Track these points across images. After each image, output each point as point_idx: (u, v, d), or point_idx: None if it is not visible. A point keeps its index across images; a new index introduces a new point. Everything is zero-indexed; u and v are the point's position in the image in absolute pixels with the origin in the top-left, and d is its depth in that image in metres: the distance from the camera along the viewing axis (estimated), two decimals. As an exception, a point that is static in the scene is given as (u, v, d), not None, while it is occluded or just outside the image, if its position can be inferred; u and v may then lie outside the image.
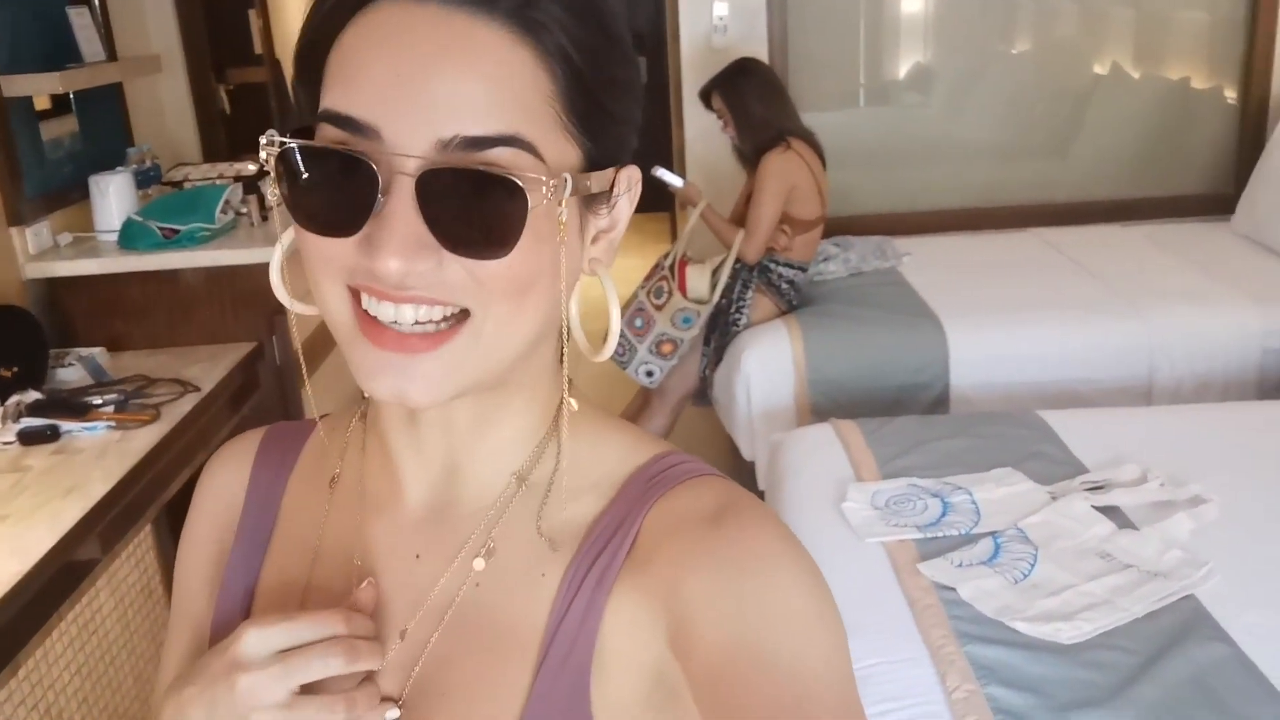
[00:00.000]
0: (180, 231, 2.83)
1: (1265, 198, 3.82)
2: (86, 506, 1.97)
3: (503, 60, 0.57)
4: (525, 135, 0.57)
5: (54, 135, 2.94)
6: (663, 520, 0.64)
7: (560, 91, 0.59)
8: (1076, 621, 1.81)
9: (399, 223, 0.56)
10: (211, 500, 0.79)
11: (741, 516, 0.63)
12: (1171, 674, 1.70)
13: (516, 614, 0.65)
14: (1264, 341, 3.17)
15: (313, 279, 0.61)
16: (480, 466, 0.68)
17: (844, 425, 2.55)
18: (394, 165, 0.56)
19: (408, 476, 0.69)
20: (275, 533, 0.75)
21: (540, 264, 0.59)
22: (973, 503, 2.18)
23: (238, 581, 0.74)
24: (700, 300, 3.37)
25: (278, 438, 0.79)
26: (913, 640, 1.80)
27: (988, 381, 3.18)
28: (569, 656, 0.63)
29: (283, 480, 0.77)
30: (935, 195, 4.39)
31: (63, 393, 2.44)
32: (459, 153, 0.56)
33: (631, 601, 0.63)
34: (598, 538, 0.65)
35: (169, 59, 3.56)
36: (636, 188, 0.66)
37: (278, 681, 0.60)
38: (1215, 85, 4.32)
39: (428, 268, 0.57)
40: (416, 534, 0.69)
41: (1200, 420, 2.59)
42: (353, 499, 0.72)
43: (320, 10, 0.60)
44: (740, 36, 4.06)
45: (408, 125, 0.56)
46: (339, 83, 0.58)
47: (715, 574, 0.60)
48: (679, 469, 0.67)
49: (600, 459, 0.69)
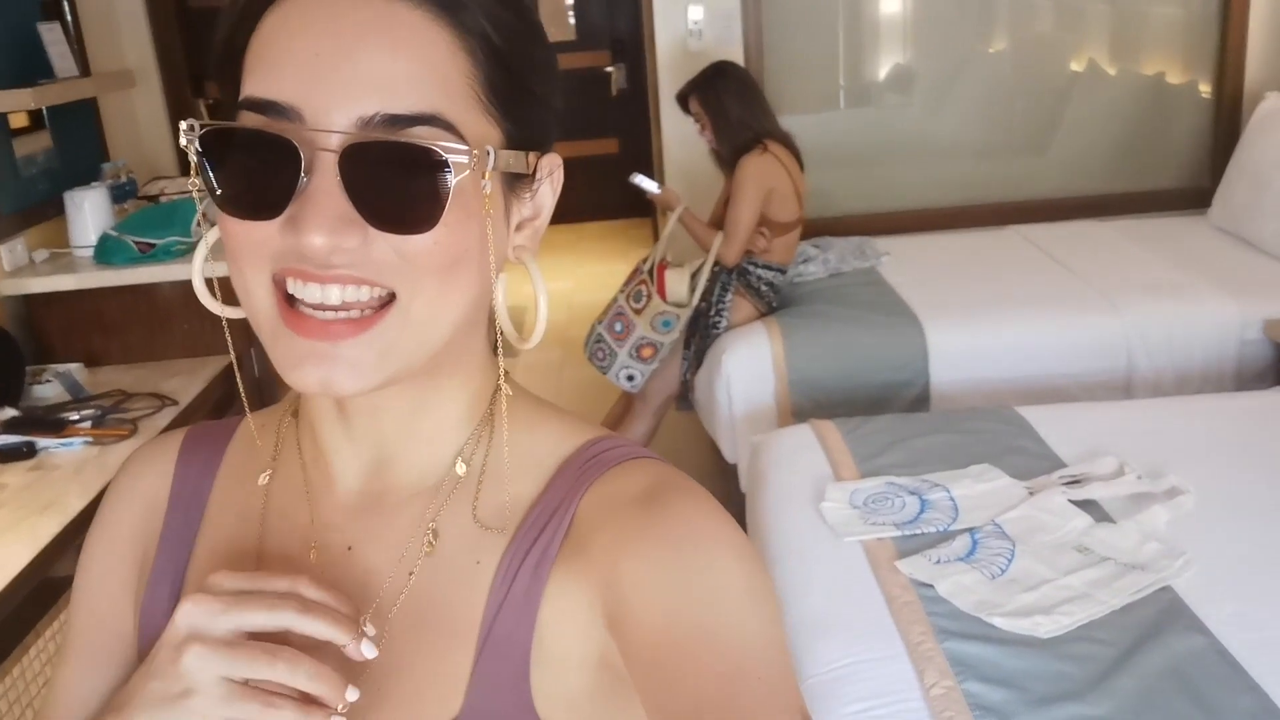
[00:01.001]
0: (157, 245, 2.83)
1: (1240, 191, 3.84)
2: (63, 522, 1.97)
3: (423, 40, 0.58)
4: (446, 114, 0.58)
5: (28, 151, 2.93)
6: (597, 504, 0.65)
7: (480, 72, 0.59)
8: (1055, 615, 1.81)
9: (323, 198, 0.56)
10: (131, 505, 0.77)
11: (673, 496, 0.63)
12: (1149, 665, 1.70)
13: (455, 602, 0.66)
14: (1242, 334, 3.18)
15: (235, 269, 0.61)
16: (413, 455, 0.68)
17: (822, 425, 2.55)
18: (316, 143, 0.56)
19: (339, 467, 0.69)
20: (200, 534, 0.74)
21: (466, 242, 0.60)
22: (951, 500, 2.18)
23: (164, 583, 0.73)
24: (679, 304, 3.37)
25: (199, 438, 0.78)
26: (891, 637, 1.80)
27: (968, 378, 3.19)
28: (508, 644, 0.64)
29: (208, 481, 0.76)
30: (914, 194, 4.41)
31: (39, 409, 2.44)
32: (380, 129, 0.56)
33: (569, 586, 0.63)
34: (533, 523, 0.66)
35: (144, 73, 3.56)
36: (558, 174, 0.67)
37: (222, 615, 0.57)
38: (1190, 80, 4.35)
39: (353, 244, 0.57)
40: (348, 525, 0.69)
41: (1177, 412, 2.60)
42: (285, 493, 0.72)
43: (235, 7, 0.61)
44: (716, 40, 4.07)
45: (329, 104, 0.56)
46: (259, 70, 0.58)
47: (649, 554, 0.61)
48: (612, 453, 0.68)
49: (534, 445, 0.69)
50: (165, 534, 0.75)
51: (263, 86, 0.58)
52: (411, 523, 0.68)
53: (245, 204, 0.59)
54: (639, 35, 5.19)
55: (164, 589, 0.73)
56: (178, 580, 0.73)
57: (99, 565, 0.76)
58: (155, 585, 0.74)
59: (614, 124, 6.62)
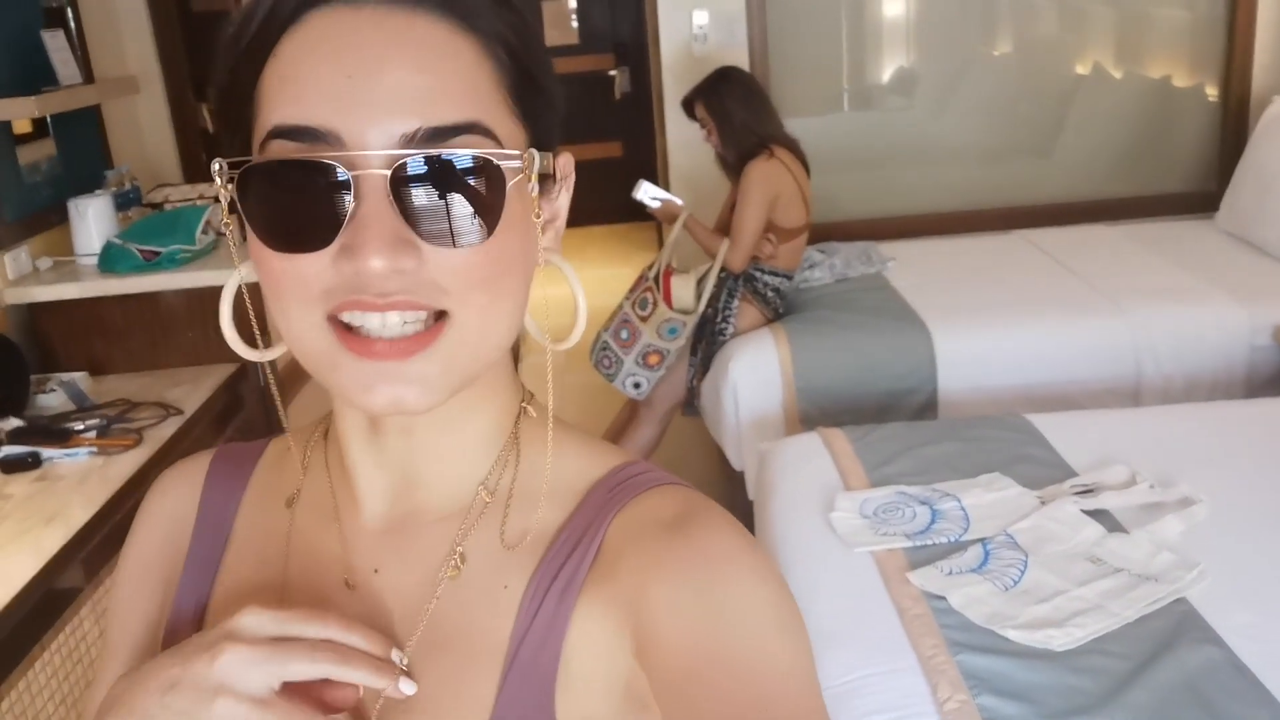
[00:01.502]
0: (161, 253, 2.82)
1: (1248, 195, 3.82)
2: (69, 534, 1.96)
3: (447, 51, 0.57)
4: (484, 121, 0.58)
5: (31, 159, 2.92)
6: (626, 529, 0.64)
7: (505, 76, 0.60)
8: (1068, 628, 1.79)
9: (376, 222, 0.55)
10: (159, 524, 0.77)
11: (703, 523, 0.63)
12: (1163, 678, 1.69)
13: (481, 626, 0.65)
14: (1252, 339, 3.17)
15: (279, 308, 0.59)
16: (440, 477, 0.68)
17: (831, 433, 2.54)
18: (360, 165, 0.55)
19: (366, 488, 0.69)
20: (226, 556, 0.74)
21: (512, 250, 0.60)
22: (961, 509, 2.17)
23: (189, 602, 0.73)
24: (686, 310, 3.36)
25: (228, 459, 0.78)
26: (903, 650, 1.78)
27: (976, 385, 3.17)
28: (534, 668, 0.63)
29: (235, 501, 0.76)
30: (919, 199, 4.39)
31: (44, 419, 2.43)
32: (423, 145, 0.56)
33: (597, 612, 0.63)
34: (560, 547, 0.65)
35: (147, 79, 3.55)
36: (571, 175, 0.67)
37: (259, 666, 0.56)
38: (1196, 83, 4.33)
39: (410, 267, 0.56)
40: (375, 547, 0.69)
41: (1188, 420, 2.58)
42: (313, 515, 0.71)
43: (243, 38, 0.59)
44: (720, 44, 4.06)
45: (367, 125, 0.55)
46: (284, 97, 0.57)
47: (678, 581, 0.60)
48: (640, 478, 0.67)
49: (560, 468, 0.69)
50: (191, 555, 0.75)
51: (293, 112, 0.56)
52: (438, 545, 0.67)
53: (292, 238, 0.57)
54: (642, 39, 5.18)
55: (188, 610, 0.73)
56: (202, 602, 0.73)
57: (130, 585, 0.77)
58: (180, 606, 0.73)
59: (617, 127, 6.62)
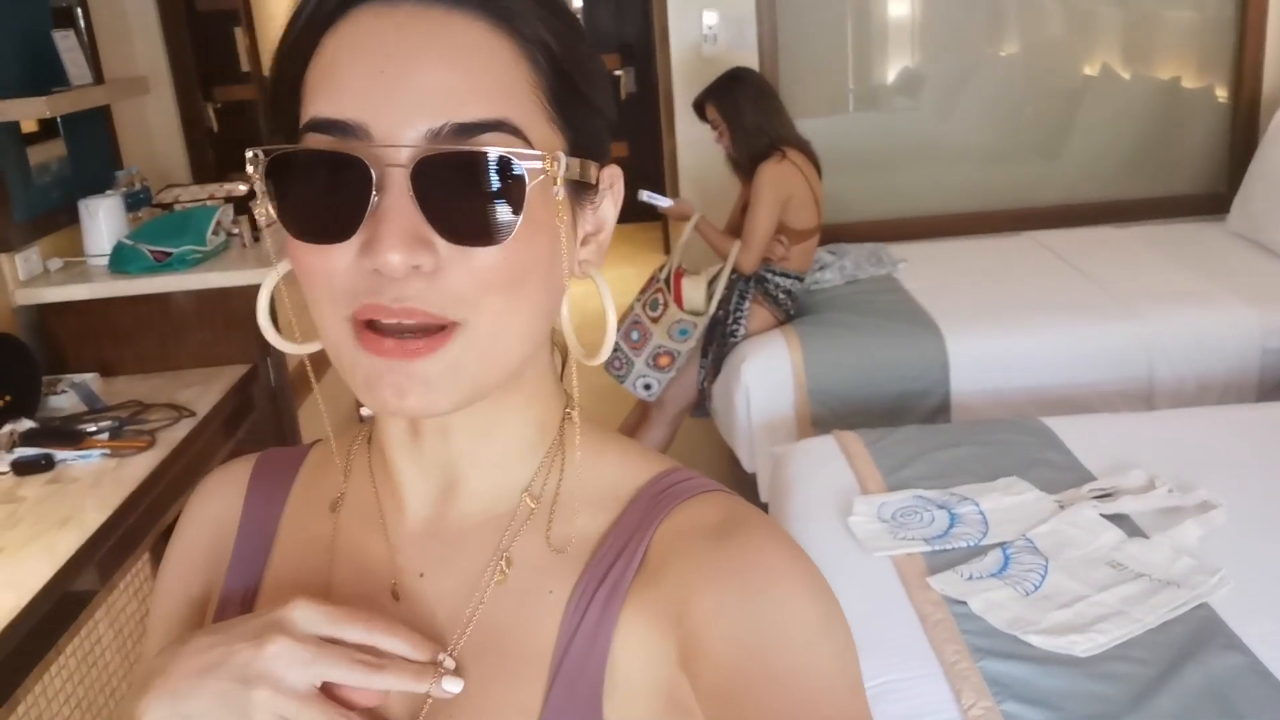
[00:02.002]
0: (172, 254, 2.81)
1: (1260, 197, 3.81)
2: (83, 537, 1.94)
3: (483, 49, 0.57)
4: (513, 120, 0.57)
5: (41, 159, 2.90)
6: (671, 536, 0.64)
7: (542, 78, 0.59)
8: (1090, 633, 1.78)
9: (396, 216, 0.56)
10: (202, 527, 0.77)
11: (749, 531, 0.63)
12: (1187, 685, 1.68)
13: (526, 631, 0.65)
14: (1264, 342, 3.16)
15: (312, 301, 0.61)
16: (482, 480, 0.68)
17: (846, 436, 2.53)
18: (386, 159, 0.56)
19: (409, 492, 0.69)
20: (272, 557, 0.74)
21: (536, 255, 0.59)
22: (980, 513, 2.16)
23: (231, 610, 0.73)
24: (696, 312, 3.35)
25: (271, 463, 0.78)
26: (925, 656, 1.77)
27: (987, 387, 3.16)
28: (580, 675, 0.63)
29: (278, 505, 0.76)
30: (928, 200, 4.38)
31: (56, 421, 2.41)
32: (449, 141, 0.56)
33: (642, 619, 0.62)
34: (605, 554, 0.65)
35: (156, 79, 3.54)
36: (619, 186, 0.67)
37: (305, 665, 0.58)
38: (1206, 84, 4.32)
39: (426, 264, 0.56)
40: (419, 551, 0.69)
41: (1204, 424, 2.57)
42: (356, 519, 0.71)
43: (291, 32, 0.60)
44: (730, 45, 4.05)
45: (396, 119, 0.56)
46: (322, 92, 0.58)
47: (723, 590, 0.60)
48: (685, 485, 0.67)
49: (604, 474, 0.68)
50: (235, 559, 0.75)
51: (328, 106, 0.57)
52: (483, 550, 0.67)
53: (317, 228, 0.58)
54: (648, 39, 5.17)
55: (233, 613, 0.73)
56: (247, 606, 0.73)
57: (172, 590, 0.77)
58: (224, 610, 0.73)
59: (623, 127, 6.61)
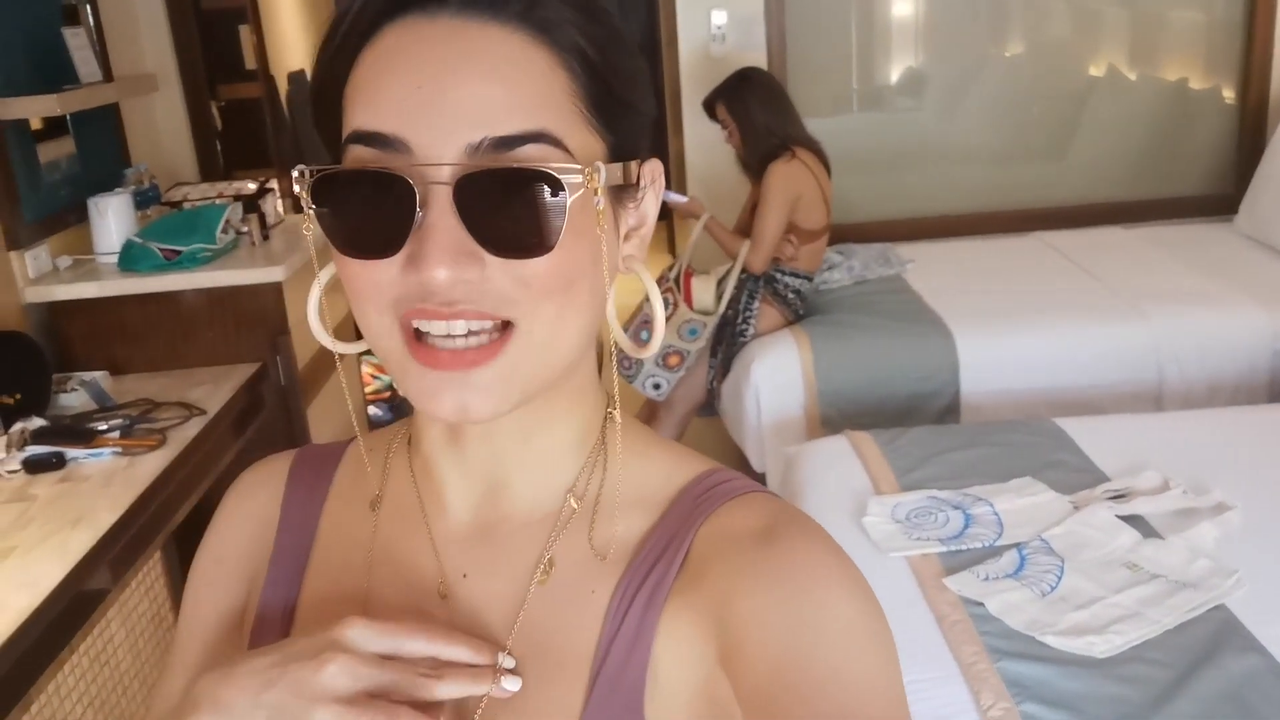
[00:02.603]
0: (181, 252, 2.80)
1: (1267, 198, 3.81)
2: (95, 536, 1.93)
3: (520, 62, 0.58)
4: (552, 130, 0.58)
5: (51, 157, 2.90)
6: (713, 537, 0.64)
7: (580, 86, 0.60)
8: (1108, 635, 1.78)
9: (440, 233, 0.56)
10: (241, 523, 0.77)
11: (792, 533, 0.62)
12: (1206, 687, 1.68)
13: (568, 632, 0.65)
14: (1274, 343, 3.15)
15: (359, 310, 0.61)
16: (526, 482, 0.68)
17: (858, 437, 2.52)
18: (428, 176, 0.56)
19: (451, 494, 0.69)
20: (313, 553, 0.74)
21: (581, 260, 0.59)
22: (994, 514, 2.15)
23: (276, 602, 0.73)
24: (706, 311, 3.34)
25: (309, 460, 0.78)
26: (943, 657, 1.77)
27: (997, 388, 3.16)
28: (622, 676, 0.63)
29: (318, 501, 0.76)
30: (935, 200, 4.38)
31: (66, 419, 2.40)
32: (489, 155, 0.56)
33: (684, 620, 0.62)
34: (647, 554, 0.65)
35: (164, 77, 3.53)
36: (660, 181, 0.67)
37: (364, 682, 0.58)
38: (1213, 85, 4.32)
39: (473, 277, 0.57)
40: (462, 553, 0.69)
41: (1217, 425, 2.57)
42: (397, 520, 0.72)
43: (330, 47, 0.61)
44: (738, 44, 4.04)
45: (435, 134, 0.56)
46: (362, 105, 0.59)
47: (766, 591, 0.60)
48: (727, 485, 0.67)
49: (646, 475, 0.69)
50: (276, 554, 0.75)
51: (369, 119, 0.58)
52: (525, 551, 0.67)
53: (363, 244, 0.59)
54: (654, 38, 5.16)
55: (276, 608, 0.73)
56: (291, 600, 0.73)
57: (207, 584, 0.77)
58: (267, 604, 0.74)
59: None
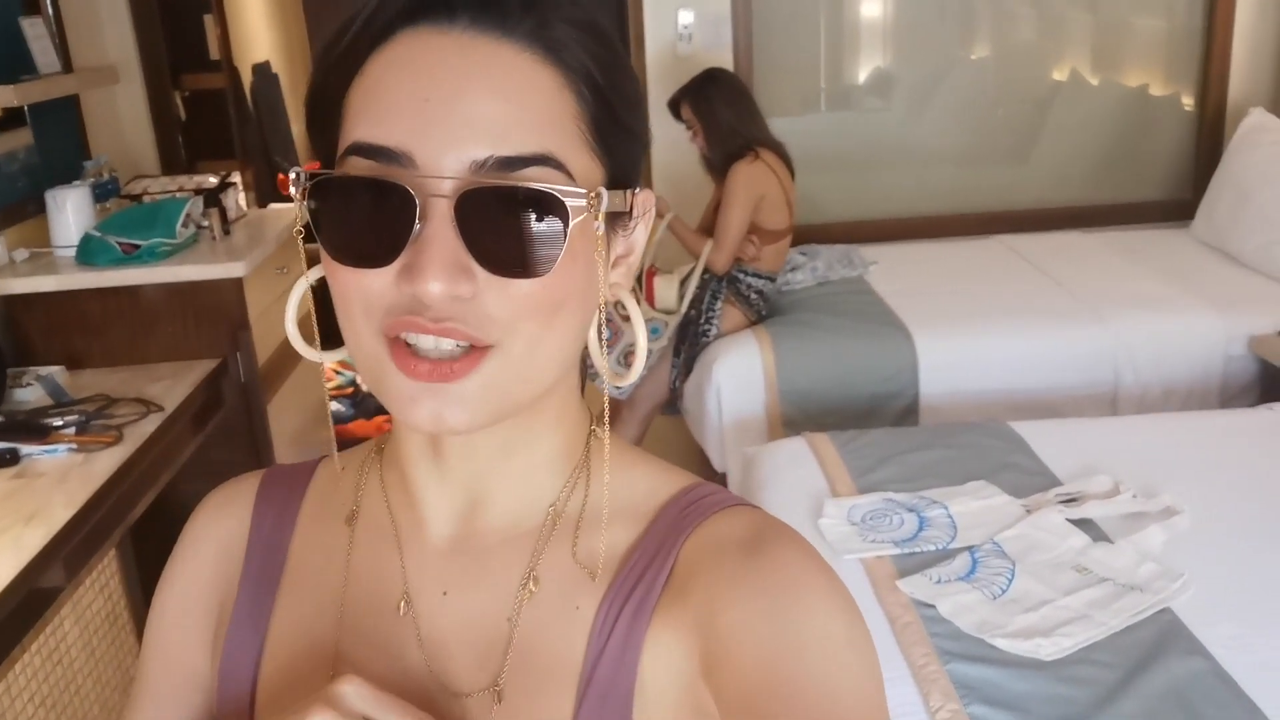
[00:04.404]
0: (140, 246, 2.78)
1: (1223, 205, 3.87)
2: (50, 533, 1.92)
3: (529, 81, 0.58)
4: (557, 154, 0.58)
5: (8, 148, 2.87)
6: (699, 550, 0.64)
7: (585, 109, 0.59)
8: (1055, 637, 1.81)
9: (438, 246, 0.56)
10: (209, 548, 0.76)
11: (778, 545, 0.63)
12: (1150, 688, 1.71)
13: (554, 647, 0.65)
14: (1227, 349, 3.21)
15: (345, 315, 0.61)
16: (506, 497, 0.68)
17: (817, 438, 2.54)
18: (429, 189, 0.56)
19: (430, 510, 0.69)
20: (285, 574, 0.73)
21: (572, 284, 0.60)
22: (949, 517, 2.18)
23: (247, 625, 0.73)
24: (668, 310, 3.36)
25: (278, 479, 0.78)
26: (894, 659, 1.79)
27: (956, 390, 3.19)
28: (611, 689, 0.63)
29: (289, 521, 0.75)
30: (900, 202, 4.41)
31: (21, 414, 2.38)
32: (493, 173, 0.56)
33: (670, 632, 0.63)
34: (633, 567, 0.65)
35: (125, 68, 3.50)
36: (652, 213, 0.67)
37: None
38: (1173, 92, 4.38)
39: (465, 293, 0.57)
40: (442, 569, 0.68)
41: (1169, 430, 2.61)
42: (374, 536, 0.71)
43: (334, 51, 0.60)
44: (705, 44, 4.05)
45: (441, 149, 0.56)
46: (366, 115, 0.58)
47: (750, 602, 0.60)
48: (712, 499, 0.68)
49: (630, 489, 0.69)
50: (245, 576, 0.74)
51: (373, 131, 0.57)
52: (508, 567, 0.67)
53: (357, 252, 0.58)
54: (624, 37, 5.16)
55: (247, 631, 0.72)
56: (262, 623, 0.72)
57: (174, 609, 0.76)
58: (237, 628, 0.73)
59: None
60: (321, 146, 0.63)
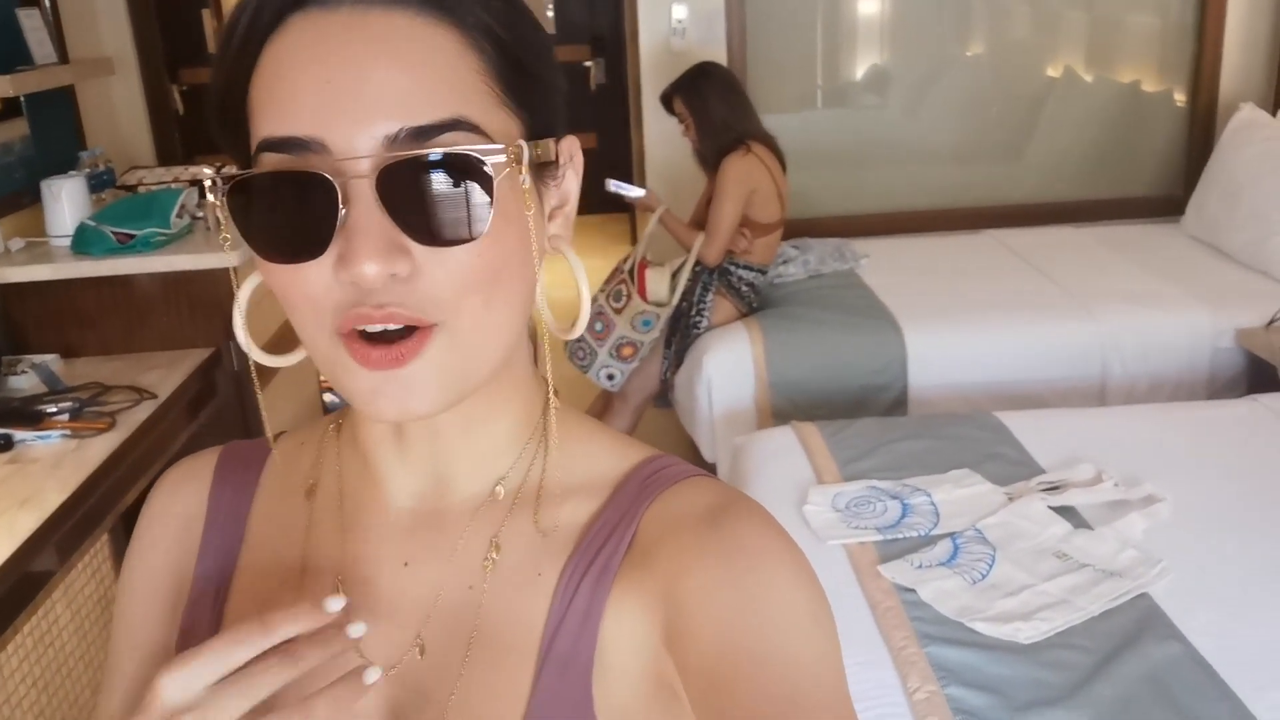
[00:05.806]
0: (135, 236, 2.79)
1: (1213, 200, 3.89)
2: (42, 517, 1.94)
3: (429, 47, 0.57)
4: (469, 116, 0.57)
5: (4, 139, 2.89)
6: (660, 519, 0.64)
7: (491, 67, 0.59)
8: (1034, 621, 1.83)
9: (366, 227, 0.55)
10: (168, 524, 0.75)
11: (738, 515, 0.63)
12: (1127, 672, 1.73)
13: (515, 615, 0.65)
14: (1214, 342, 3.23)
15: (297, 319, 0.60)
16: (468, 472, 0.68)
17: (805, 428, 2.57)
18: (347, 172, 0.55)
19: (392, 485, 0.69)
20: (243, 550, 0.73)
21: (510, 247, 0.59)
22: (932, 504, 2.20)
23: (203, 603, 0.72)
24: (660, 303, 3.38)
25: (235, 456, 0.77)
26: (874, 642, 1.81)
27: (945, 382, 3.21)
28: (571, 657, 0.63)
29: (247, 497, 0.74)
30: (892, 197, 4.43)
31: (15, 401, 2.40)
32: (407, 145, 0.55)
33: (631, 600, 0.63)
34: (594, 536, 0.65)
35: (122, 60, 3.52)
36: (579, 157, 0.66)
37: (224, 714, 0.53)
38: (1165, 88, 4.40)
39: (404, 271, 0.56)
40: (403, 541, 0.68)
41: (1153, 420, 2.63)
42: (333, 510, 0.71)
43: (228, 49, 0.59)
44: (699, 39, 4.07)
45: (351, 130, 0.55)
46: (270, 109, 0.57)
47: (712, 572, 0.60)
48: (673, 469, 0.68)
49: (592, 460, 0.69)
50: (203, 551, 0.74)
51: (278, 124, 0.56)
52: (469, 537, 0.67)
53: (287, 248, 0.57)
54: (619, 30, 5.19)
55: (204, 607, 0.72)
56: (220, 598, 0.72)
57: (136, 591, 0.75)
58: (195, 604, 0.73)
59: (592, 119, 6.61)
60: (234, 149, 0.61)
